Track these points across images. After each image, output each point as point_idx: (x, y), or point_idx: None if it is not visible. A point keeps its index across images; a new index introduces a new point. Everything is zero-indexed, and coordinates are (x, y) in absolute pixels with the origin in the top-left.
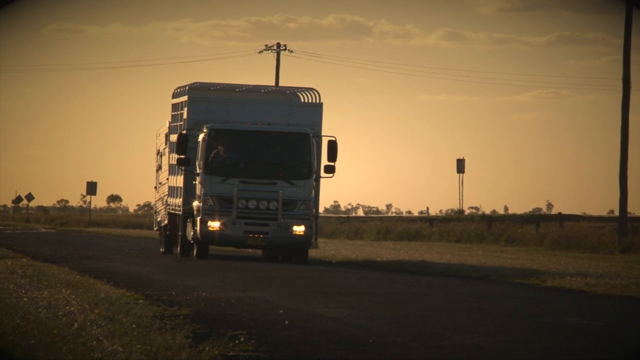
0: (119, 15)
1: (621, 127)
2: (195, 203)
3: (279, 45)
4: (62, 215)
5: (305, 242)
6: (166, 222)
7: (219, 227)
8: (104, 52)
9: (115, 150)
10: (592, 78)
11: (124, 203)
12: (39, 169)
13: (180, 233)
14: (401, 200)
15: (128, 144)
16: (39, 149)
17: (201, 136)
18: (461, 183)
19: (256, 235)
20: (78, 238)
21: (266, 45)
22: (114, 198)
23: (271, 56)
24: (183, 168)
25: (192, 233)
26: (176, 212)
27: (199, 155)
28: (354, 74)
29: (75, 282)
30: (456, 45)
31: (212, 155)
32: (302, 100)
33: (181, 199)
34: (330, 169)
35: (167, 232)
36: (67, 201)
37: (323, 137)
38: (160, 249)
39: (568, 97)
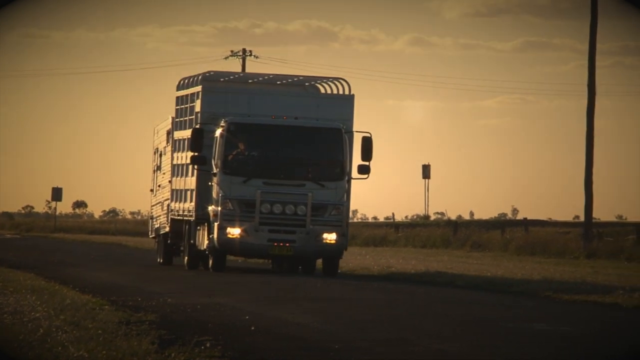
0: (84, 21)
1: (586, 133)
2: (212, 207)
3: (244, 51)
4: (27, 221)
5: (336, 251)
6: (167, 229)
7: (240, 235)
8: (69, 57)
9: (81, 156)
10: (558, 84)
11: (89, 209)
12: (4, 175)
13: (191, 241)
14: (367, 205)
15: (94, 149)
16: (4, 154)
17: (218, 131)
18: (427, 189)
19: (281, 244)
20: (44, 244)
21: (232, 51)
22: (80, 204)
23: (237, 62)
24: (196, 167)
25: (207, 242)
26: (184, 217)
27: (216, 153)
28: None
29: (40, 288)
30: (422, 51)
31: (231, 153)
32: (322, 91)
33: (192, 203)
34: (364, 169)
35: (168, 241)
36: (32, 207)
37: (355, 133)
38: (158, 260)
39: (533, 103)
